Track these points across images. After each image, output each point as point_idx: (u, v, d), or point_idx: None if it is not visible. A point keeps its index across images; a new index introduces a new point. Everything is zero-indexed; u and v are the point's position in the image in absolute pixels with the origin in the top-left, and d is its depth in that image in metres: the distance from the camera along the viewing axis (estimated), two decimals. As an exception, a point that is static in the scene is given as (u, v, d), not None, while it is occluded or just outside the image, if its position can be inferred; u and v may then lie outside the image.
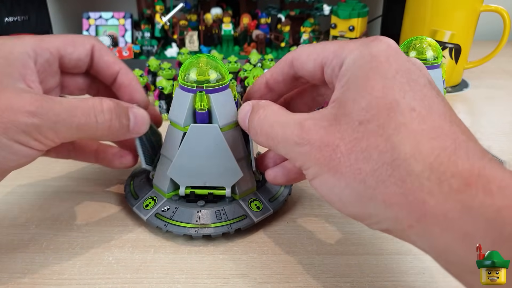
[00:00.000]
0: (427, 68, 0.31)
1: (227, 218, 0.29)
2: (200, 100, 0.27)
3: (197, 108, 0.28)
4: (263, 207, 0.30)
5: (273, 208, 0.30)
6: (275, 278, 0.26)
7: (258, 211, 0.30)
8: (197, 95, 0.27)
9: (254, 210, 0.30)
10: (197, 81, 0.27)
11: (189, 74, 0.27)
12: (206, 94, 0.27)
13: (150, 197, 0.30)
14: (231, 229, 0.28)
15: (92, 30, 0.70)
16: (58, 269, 0.26)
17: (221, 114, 0.28)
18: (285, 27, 0.68)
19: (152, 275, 0.26)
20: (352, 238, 0.29)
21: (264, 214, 0.30)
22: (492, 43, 0.57)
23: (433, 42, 0.32)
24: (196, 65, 0.28)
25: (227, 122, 0.28)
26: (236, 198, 0.30)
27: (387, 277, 0.26)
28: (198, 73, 0.27)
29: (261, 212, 0.30)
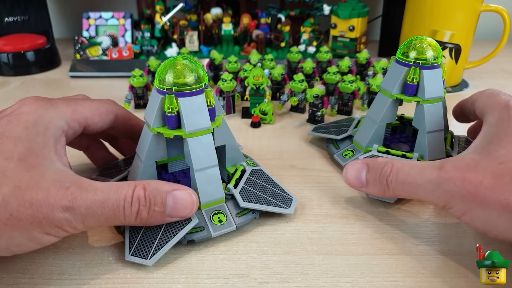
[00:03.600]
0: (427, 68, 0.32)
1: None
2: (169, 103, 0.27)
3: (166, 111, 0.27)
4: (226, 221, 0.29)
5: (237, 224, 0.29)
6: (275, 278, 0.26)
7: (219, 224, 0.28)
8: (166, 98, 0.27)
9: (215, 223, 0.28)
10: (171, 83, 0.27)
11: (166, 75, 0.27)
12: (175, 97, 0.27)
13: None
14: (184, 240, 0.27)
15: (92, 30, 0.70)
16: (58, 269, 0.26)
17: (188, 119, 0.27)
18: (285, 27, 0.68)
19: (152, 275, 0.26)
20: (352, 238, 0.29)
21: (225, 229, 0.28)
22: (492, 43, 0.57)
23: (433, 42, 0.33)
24: (173, 67, 0.27)
25: (195, 128, 0.27)
26: (200, 207, 0.29)
27: (387, 277, 0.26)
28: (173, 75, 0.27)
29: (221, 227, 0.28)
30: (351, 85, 0.47)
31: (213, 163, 0.29)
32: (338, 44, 0.66)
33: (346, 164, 0.31)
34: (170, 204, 0.26)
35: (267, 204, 0.30)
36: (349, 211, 0.32)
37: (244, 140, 0.43)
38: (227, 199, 0.30)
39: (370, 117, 0.36)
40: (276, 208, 0.30)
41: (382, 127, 0.35)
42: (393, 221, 0.31)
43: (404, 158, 0.34)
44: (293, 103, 0.46)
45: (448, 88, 0.58)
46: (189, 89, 0.27)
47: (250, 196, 0.30)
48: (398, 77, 0.33)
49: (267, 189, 0.32)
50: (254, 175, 0.32)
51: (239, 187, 0.30)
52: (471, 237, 0.29)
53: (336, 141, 0.39)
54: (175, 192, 0.26)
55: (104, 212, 0.24)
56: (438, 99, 0.33)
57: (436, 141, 0.34)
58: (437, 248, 0.28)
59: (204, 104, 0.28)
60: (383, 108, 0.34)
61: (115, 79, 0.61)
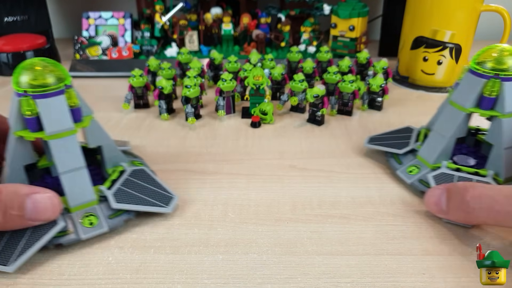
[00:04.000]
0: (508, 80, 0.30)
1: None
2: (26, 105, 0.26)
3: (24, 114, 0.27)
4: (97, 223, 0.28)
5: (110, 226, 0.29)
6: (275, 279, 0.25)
7: (89, 227, 0.28)
8: (22, 100, 0.26)
9: (85, 225, 0.28)
10: (27, 85, 0.27)
11: (22, 77, 0.27)
12: (33, 99, 0.26)
13: None
14: (50, 244, 0.27)
15: (91, 30, 0.69)
16: (57, 269, 0.26)
17: (48, 121, 0.27)
18: (285, 27, 0.68)
19: (151, 276, 0.26)
20: (352, 239, 0.29)
21: (95, 231, 0.28)
22: (493, 43, 0.57)
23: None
24: (29, 69, 0.27)
25: (55, 129, 0.27)
26: (70, 210, 0.28)
27: (387, 278, 0.26)
28: (29, 77, 0.27)
29: (92, 229, 0.28)
30: (351, 85, 0.47)
31: (80, 165, 0.28)
32: (338, 44, 0.66)
33: (427, 191, 0.30)
34: (29, 207, 0.25)
35: (143, 204, 0.30)
36: (350, 211, 0.32)
37: (244, 140, 0.43)
38: (102, 201, 0.30)
39: (438, 131, 0.34)
40: (153, 208, 0.30)
41: (452, 142, 0.33)
42: (393, 221, 0.31)
43: (477, 176, 0.32)
44: (293, 103, 0.46)
45: (448, 88, 0.58)
46: (46, 90, 0.27)
47: (125, 196, 0.30)
48: (474, 89, 0.31)
49: (146, 188, 0.31)
50: (134, 176, 0.32)
51: (114, 188, 0.30)
52: (471, 237, 0.29)
53: (398, 155, 0.37)
54: (35, 195, 0.26)
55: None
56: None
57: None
58: (438, 248, 0.28)
59: (64, 104, 0.27)
60: (455, 122, 0.32)
61: (114, 79, 0.61)
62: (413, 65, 0.58)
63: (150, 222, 0.31)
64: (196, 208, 0.32)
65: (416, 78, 0.58)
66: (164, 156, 0.40)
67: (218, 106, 0.48)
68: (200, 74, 0.53)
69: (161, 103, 0.47)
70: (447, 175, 0.32)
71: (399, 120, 0.47)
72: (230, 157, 0.39)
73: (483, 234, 0.29)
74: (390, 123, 0.47)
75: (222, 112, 0.48)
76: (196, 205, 0.32)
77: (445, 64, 0.56)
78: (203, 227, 0.30)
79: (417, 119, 0.48)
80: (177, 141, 0.43)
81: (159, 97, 0.47)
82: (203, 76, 0.55)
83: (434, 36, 0.54)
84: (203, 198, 0.33)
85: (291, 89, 0.48)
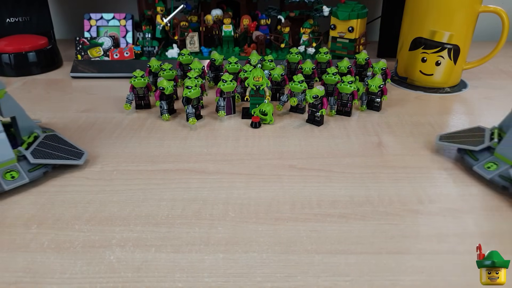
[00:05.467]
0: None
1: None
2: None
3: None
4: (18, 176, 0.34)
5: (30, 178, 0.34)
6: (275, 277, 0.26)
7: (11, 180, 0.33)
8: None
9: (7, 179, 0.33)
10: None
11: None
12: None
13: None
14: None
15: (93, 31, 0.70)
16: (59, 268, 0.26)
17: None
18: (285, 28, 0.68)
19: (153, 274, 0.26)
20: (351, 238, 0.29)
21: (17, 182, 0.34)
22: (491, 43, 0.57)
23: None
24: None
25: None
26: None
27: (386, 276, 0.26)
28: None
29: (14, 181, 0.33)
30: (350, 86, 0.47)
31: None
32: (338, 45, 0.67)
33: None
34: None
35: (58, 158, 0.36)
36: (348, 210, 0.32)
37: (244, 141, 0.43)
38: (20, 160, 0.35)
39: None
40: (66, 161, 0.37)
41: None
42: (392, 220, 0.31)
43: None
44: (292, 103, 0.47)
45: (446, 88, 0.58)
46: None
47: (42, 154, 0.36)
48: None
49: (60, 148, 0.38)
50: (48, 139, 0.38)
51: (31, 149, 0.36)
52: (471, 237, 0.29)
53: (473, 152, 0.38)
54: None
55: None
56: None
57: None
58: (437, 247, 0.28)
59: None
60: None
61: (116, 80, 0.61)
62: (411, 66, 0.58)
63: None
64: (197, 207, 0.32)
65: (414, 78, 0.59)
66: (165, 156, 0.40)
67: (219, 106, 0.48)
68: (201, 75, 0.54)
69: (162, 103, 0.48)
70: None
71: (398, 121, 0.48)
72: (230, 157, 0.39)
73: (483, 234, 0.29)
74: (389, 123, 0.47)
75: (223, 113, 0.48)
76: (197, 204, 0.33)
77: (443, 65, 0.56)
78: (204, 226, 0.30)
79: (416, 120, 0.48)
80: (178, 141, 0.43)
81: (160, 98, 0.48)
82: (204, 77, 0.55)
83: (433, 37, 0.55)
84: (204, 198, 0.34)
85: (290, 90, 0.48)
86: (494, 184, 0.35)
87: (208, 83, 0.58)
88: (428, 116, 0.49)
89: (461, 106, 0.53)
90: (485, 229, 0.30)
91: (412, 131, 0.45)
